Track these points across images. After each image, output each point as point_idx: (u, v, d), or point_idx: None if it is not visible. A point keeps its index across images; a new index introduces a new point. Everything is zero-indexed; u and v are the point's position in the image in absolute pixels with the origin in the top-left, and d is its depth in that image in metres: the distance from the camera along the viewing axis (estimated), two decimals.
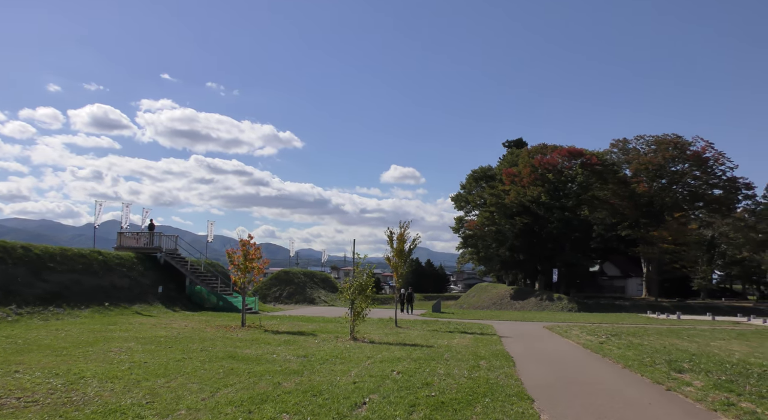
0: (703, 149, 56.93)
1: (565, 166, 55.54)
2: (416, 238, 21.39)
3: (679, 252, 55.33)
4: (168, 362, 10.50)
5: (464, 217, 67.69)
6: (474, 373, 10.17)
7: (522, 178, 55.12)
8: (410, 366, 10.73)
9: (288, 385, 8.54)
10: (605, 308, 47.31)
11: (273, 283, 46.40)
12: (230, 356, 11.52)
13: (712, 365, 11.79)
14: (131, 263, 27.86)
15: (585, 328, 21.99)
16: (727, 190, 58.81)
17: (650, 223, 57.32)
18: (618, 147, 62.32)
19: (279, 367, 10.31)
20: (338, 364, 10.77)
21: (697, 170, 57.66)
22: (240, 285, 19.46)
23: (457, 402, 7.65)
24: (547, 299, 50.02)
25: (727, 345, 17.06)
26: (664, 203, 59.03)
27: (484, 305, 56.01)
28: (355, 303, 16.34)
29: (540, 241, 56.36)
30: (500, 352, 13.56)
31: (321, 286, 49.40)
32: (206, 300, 29.16)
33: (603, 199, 58.27)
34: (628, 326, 25.17)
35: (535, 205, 55.05)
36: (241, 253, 19.17)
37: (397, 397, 7.85)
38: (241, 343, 13.87)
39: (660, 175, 58.43)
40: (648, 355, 13.22)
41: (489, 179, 64.87)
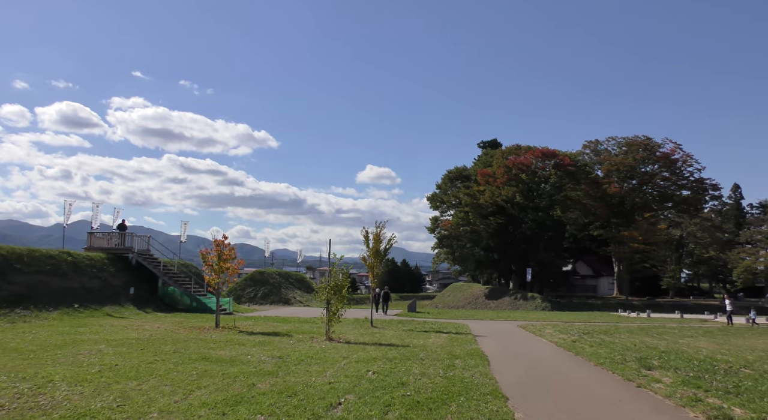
0: (672, 151, 58.27)
1: (539, 167, 56.26)
2: (392, 238, 21.43)
3: (649, 251, 56.54)
4: (140, 364, 10.33)
5: (440, 217, 68.04)
6: (449, 372, 10.23)
7: (496, 178, 55.65)
8: (386, 366, 10.74)
9: (263, 387, 8.47)
10: (578, 307, 48.08)
11: (248, 283, 45.94)
12: (204, 358, 11.37)
13: (680, 362, 12.06)
14: (102, 264, 27.31)
15: (558, 327, 22.29)
16: (694, 191, 60.29)
17: (621, 223, 58.43)
18: (590, 148, 63.40)
19: (253, 368, 10.22)
20: (313, 365, 10.72)
21: (666, 171, 58.98)
22: (214, 286, 19.22)
23: (433, 401, 7.68)
24: (521, 298, 50.59)
25: (694, 342, 17.48)
26: (635, 203, 60.24)
27: (460, 305, 56.38)
28: (330, 303, 16.29)
29: (514, 241, 56.97)
30: (475, 351, 13.67)
31: (296, 286, 49.10)
32: (179, 301, 28.74)
33: (576, 199, 59.19)
34: (600, 325, 25.62)
35: (509, 205, 55.61)
36: (215, 254, 18.93)
37: (373, 397, 7.85)
38: (215, 345, 13.71)
39: (630, 176, 59.59)
40: (619, 353, 13.47)
41: (464, 179, 65.31)
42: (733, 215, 75.08)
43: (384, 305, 33.05)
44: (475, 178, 60.49)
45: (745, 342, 18.19)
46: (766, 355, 14.35)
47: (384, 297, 33.26)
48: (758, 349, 15.72)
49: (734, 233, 69.50)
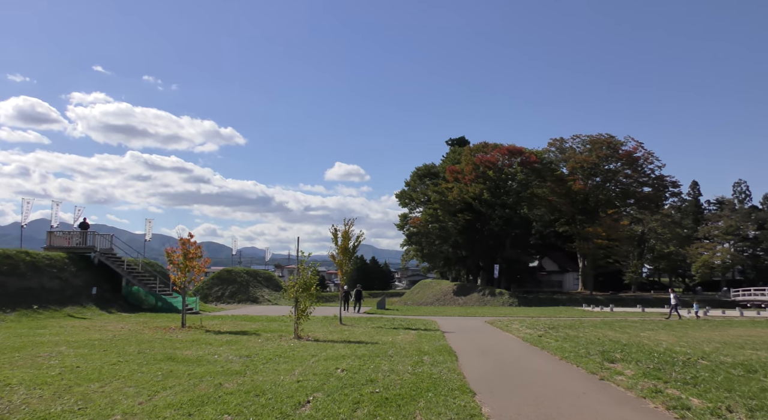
0: (634, 149, 59.71)
1: (506, 164, 56.96)
2: (360, 235, 21.44)
3: (612, 247, 57.88)
4: (102, 366, 10.09)
5: (409, 214, 68.29)
6: (418, 368, 10.30)
7: (464, 175, 56.12)
8: (354, 363, 10.75)
9: (230, 386, 8.38)
10: (544, 302, 48.95)
11: (215, 282, 45.33)
12: (169, 358, 11.18)
13: (641, 355, 12.40)
14: (62, 264, 26.56)
15: (525, 322, 22.65)
16: (655, 188, 61.95)
17: (585, 219, 59.64)
18: (555, 146, 64.47)
19: (221, 367, 10.10)
20: (282, 364, 10.66)
21: (628, 169, 60.41)
22: (180, 285, 18.91)
23: (401, 397, 7.72)
24: (489, 294, 51.21)
25: (655, 335, 18.00)
26: (599, 200, 61.56)
27: (428, 301, 56.73)
28: (299, 301, 16.20)
29: (482, 238, 57.60)
30: (443, 347, 13.79)
31: (264, 284, 48.66)
32: (144, 301, 28.18)
33: (542, 196, 60.14)
34: (565, 319, 26.14)
35: (477, 202, 56.18)
36: (180, 252, 18.63)
37: (341, 394, 7.85)
38: (181, 345, 13.49)
39: (594, 174, 60.85)
40: (583, 347, 13.77)
41: (433, 177, 65.67)
42: (691, 211, 77.43)
43: (357, 303, 33.04)
44: (443, 176, 60.90)
45: (702, 334, 18.81)
46: (722, 346, 14.87)
47: (356, 295, 33.23)
48: (715, 341, 16.27)
49: (693, 229, 71.70)
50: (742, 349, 14.34)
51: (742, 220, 68.60)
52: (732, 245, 68.47)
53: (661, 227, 67.71)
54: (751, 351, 13.83)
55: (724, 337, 17.57)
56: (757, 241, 70.33)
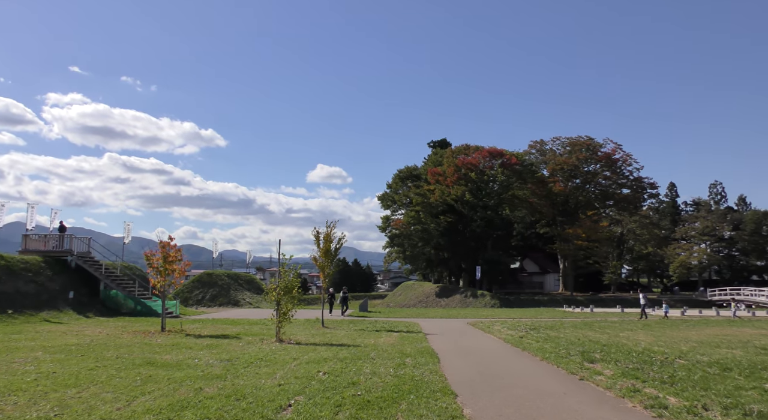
0: (612, 151, 60.53)
1: (487, 166, 57.32)
2: (342, 237, 21.41)
3: (592, 248, 58.56)
4: (79, 371, 9.93)
5: (391, 216, 68.34)
6: (400, 370, 10.30)
7: (446, 177, 56.35)
8: (336, 366, 10.72)
9: (210, 391, 8.30)
10: (525, 303, 49.32)
11: (195, 285, 44.89)
12: (148, 363, 11.04)
13: (620, 355, 12.56)
14: (38, 268, 26.09)
15: (506, 323, 22.80)
16: (634, 190, 62.85)
17: (566, 220, 60.27)
18: (536, 148, 65.10)
19: (201, 372, 10.00)
20: (263, 367, 10.59)
21: (607, 171, 61.21)
22: (159, 288, 18.70)
23: (383, 400, 7.72)
24: (471, 296, 51.44)
25: (634, 335, 18.24)
26: (579, 202, 62.27)
27: (411, 303, 56.80)
28: (281, 304, 16.11)
29: (464, 240, 57.85)
30: (425, 349, 13.82)
31: (246, 287, 48.30)
32: (123, 305, 27.79)
33: (522, 198, 60.65)
34: (546, 320, 26.36)
35: (459, 204, 56.44)
36: (160, 256, 18.41)
37: (323, 397, 7.83)
38: (161, 349, 13.33)
39: (574, 175, 61.54)
40: (564, 348, 13.90)
41: (415, 179, 65.82)
42: (669, 212, 78.68)
43: (343, 306, 32.79)
44: (425, 178, 61.08)
45: (679, 334, 19.11)
46: (698, 345, 15.13)
47: (343, 298, 33.04)
48: (692, 340, 16.55)
49: (670, 230, 72.86)
50: (718, 348, 14.60)
51: (717, 221, 69.88)
52: (708, 246, 69.69)
53: (639, 228, 68.69)
54: (726, 350, 14.09)
55: (701, 337, 17.87)
56: (732, 241, 71.69)
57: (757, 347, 14.68)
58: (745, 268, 73.55)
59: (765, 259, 72.48)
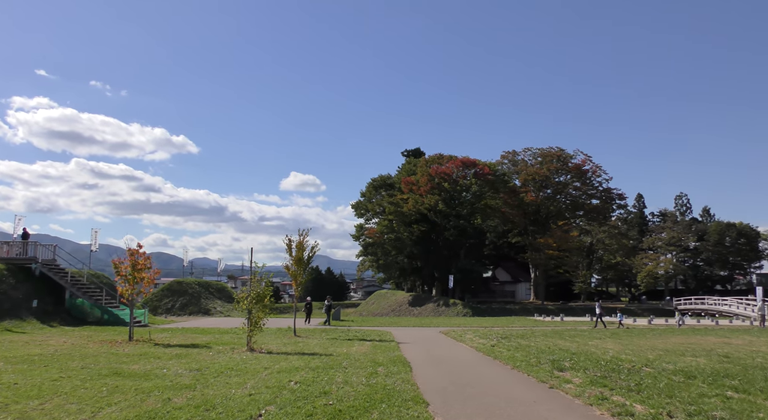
0: (582, 162, 61.76)
1: (460, 176, 57.89)
2: (315, 245, 21.35)
3: (562, 258, 59.47)
4: (42, 382, 9.66)
5: (364, 224, 68.33)
6: (372, 379, 10.29)
7: (420, 186, 56.69)
8: (308, 375, 10.65)
9: (179, 401, 8.16)
10: (497, 312, 49.75)
11: (165, 294, 44.10)
12: (115, 373, 10.81)
13: (589, 363, 12.76)
14: (0, 276, 25.33)
15: (478, 332, 22.95)
16: (603, 200, 64.17)
17: (537, 230, 61.14)
18: (508, 158, 66.02)
19: (169, 382, 9.83)
20: (233, 377, 10.46)
21: (577, 181, 62.40)
22: (128, 297, 18.31)
23: (355, 409, 7.70)
24: (444, 305, 51.66)
25: (602, 344, 18.53)
26: (549, 212, 63.27)
27: (384, 312, 56.76)
28: (252, 313, 15.95)
29: (437, 249, 58.17)
30: (398, 358, 13.82)
31: (217, 296, 47.65)
32: (89, 314, 27.14)
33: (495, 207, 61.35)
34: (518, 329, 26.63)
35: (432, 213, 56.78)
36: (129, 263, 18.06)
37: (294, 407, 7.77)
38: (128, 359, 13.06)
39: (545, 186, 62.57)
40: (534, 356, 14.05)
41: (388, 187, 66.03)
42: (637, 223, 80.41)
43: (327, 316, 32.26)
44: (399, 187, 61.33)
45: (646, 342, 19.49)
46: (664, 353, 15.45)
47: (327, 308, 32.66)
48: (658, 349, 16.89)
49: (638, 240, 74.44)
50: (683, 356, 14.94)
51: (683, 231, 71.68)
52: (674, 256, 71.41)
53: (608, 238, 70.04)
54: (691, 358, 14.43)
55: (667, 345, 18.25)
56: (697, 251, 73.58)
57: (720, 355, 15.07)
58: (709, 277, 75.52)
59: (728, 269, 74.56)
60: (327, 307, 32.52)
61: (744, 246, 72.08)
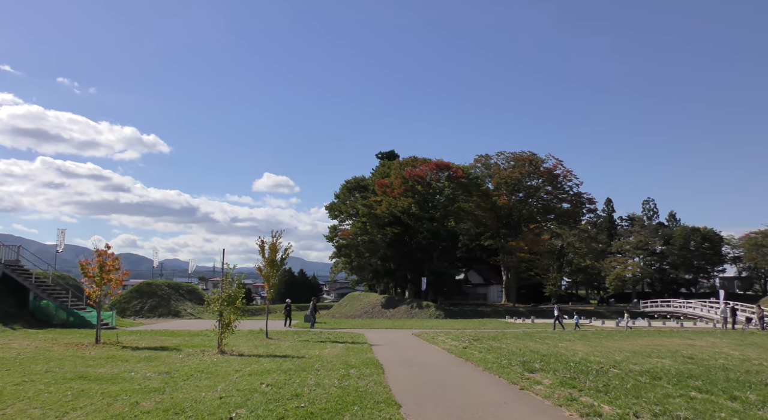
0: (554, 166, 62.71)
1: (434, 179, 58.21)
2: (288, 247, 21.20)
3: (533, 260, 60.24)
4: (4, 387, 9.38)
5: (338, 226, 68.21)
6: (344, 382, 10.26)
7: (393, 189, 56.83)
8: (280, 378, 10.58)
9: (147, 405, 8.02)
10: (469, 314, 50.08)
11: (133, 295, 43.31)
12: (81, 376, 10.56)
13: (559, 365, 12.95)
14: None
15: (450, 334, 23.08)
16: (573, 204, 65.25)
17: (509, 233, 61.84)
18: (481, 162, 66.66)
19: (137, 385, 9.65)
20: (204, 380, 10.32)
21: (549, 185, 63.34)
22: (95, 299, 17.91)
23: (327, 412, 7.68)
24: (417, 307, 51.83)
25: (572, 345, 18.83)
26: (522, 215, 64.07)
27: (357, 314, 56.68)
28: (223, 315, 15.76)
29: (410, 251, 58.35)
30: (370, 360, 13.81)
31: (187, 298, 46.98)
32: (54, 316, 26.44)
33: (468, 210, 61.85)
34: (489, 331, 26.86)
35: (405, 215, 56.93)
36: (96, 264, 17.67)
37: (266, 410, 7.70)
38: (95, 362, 12.78)
39: (518, 189, 63.35)
40: (505, 358, 14.20)
41: (362, 190, 66.02)
42: (606, 227, 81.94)
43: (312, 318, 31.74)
44: (372, 189, 61.38)
45: (614, 344, 19.86)
46: (631, 355, 15.78)
47: (311, 310, 32.28)
48: (625, 350, 17.24)
49: (607, 244, 75.89)
50: (649, 357, 15.28)
51: (650, 235, 73.33)
52: (641, 259, 72.98)
53: (578, 242, 71.23)
54: (656, 359, 14.76)
55: (634, 347, 18.64)
56: (663, 255, 75.34)
57: (684, 357, 15.45)
58: (674, 281, 77.35)
59: (692, 272, 76.48)
60: (312, 309, 32.26)
61: (708, 250, 74.06)
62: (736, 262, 76.33)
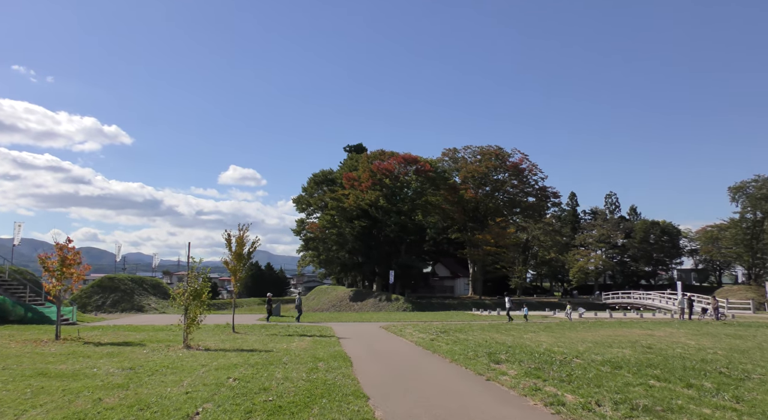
0: (520, 161, 63.54)
1: (402, 172, 58.33)
2: (255, 240, 21.02)
3: (499, 253, 61.03)
4: None
5: (306, 219, 67.78)
6: (312, 375, 10.26)
7: (361, 182, 56.74)
8: (247, 372, 10.50)
9: (111, 401, 7.87)
10: (436, 307, 50.51)
11: (95, 290, 42.26)
12: (41, 373, 10.28)
13: (524, 355, 13.21)
14: None
15: (418, 327, 23.27)
16: (539, 198, 66.28)
17: (476, 227, 62.49)
18: (449, 156, 67.07)
19: (100, 381, 9.45)
20: (169, 375, 10.17)
21: (515, 179, 64.16)
22: (54, 294, 17.42)
23: (295, 405, 7.67)
24: (385, 300, 52.02)
25: (536, 337, 19.20)
26: (488, 209, 64.79)
27: (325, 307, 56.57)
28: (189, 309, 15.54)
29: (378, 244, 58.45)
30: (338, 353, 13.83)
31: (151, 292, 46.11)
32: (11, 312, 25.60)
33: (435, 204, 62.21)
34: (456, 323, 27.17)
35: (373, 208, 56.95)
36: (56, 259, 17.19)
37: (233, 404, 7.65)
38: (55, 358, 12.45)
39: (484, 183, 63.99)
40: (472, 349, 14.41)
41: (330, 183, 65.73)
42: (570, 221, 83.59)
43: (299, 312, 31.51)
44: (340, 182, 61.16)
45: (577, 335, 20.34)
46: (594, 345, 16.19)
47: (297, 304, 32.00)
48: (587, 341, 17.68)
49: (571, 237, 77.45)
50: (611, 347, 15.70)
51: (612, 229, 75.12)
52: (604, 252, 74.77)
53: (543, 235, 72.46)
54: (617, 349, 15.18)
55: (596, 337, 19.12)
56: (624, 248, 77.33)
57: (644, 347, 15.93)
58: (635, 273, 79.49)
59: (652, 265, 78.74)
60: (298, 302, 32.07)
61: (667, 243, 76.34)
62: (693, 255, 78.85)
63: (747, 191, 60.69)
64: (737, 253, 63.99)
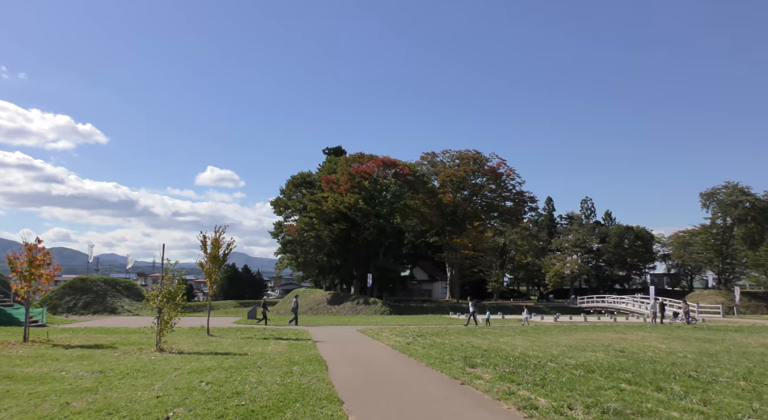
0: (497, 165, 64.11)
1: (380, 176, 58.40)
2: (231, 242, 20.82)
3: (477, 257, 61.46)
4: None
5: (284, 222, 67.38)
6: (287, 379, 10.18)
7: (340, 185, 56.64)
8: (220, 375, 10.38)
9: (79, 405, 7.70)
10: (414, 311, 50.62)
11: (66, 291, 41.42)
12: (6, 376, 10.03)
13: (499, 359, 13.29)
14: None
15: (395, 330, 23.28)
16: (516, 203, 66.95)
17: (454, 231, 62.84)
18: (427, 160, 67.40)
19: (68, 385, 9.25)
20: (140, 379, 10.00)
21: (493, 184, 64.71)
22: (23, 295, 17.04)
23: (268, 409, 7.60)
24: (363, 303, 51.94)
25: (512, 340, 19.35)
26: (466, 213, 65.20)
27: (302, 311, 56.15)
28: (162, 312, 15.32)
29: (356, 247, 58.37)
30: (314, 356, 13.76)
31: (125, 294, 45.34)
32: None
33: (414, 207, 62.41)
34: (433, 327, 27.26)
35: (352, 211, 56.87)
36: (25, 259, 16.81)
37: (205, 409, 7.55)
38: (22, 361, 12.16)
39: (462, 187, 64.40)
40: (448, 353, 14.46)
41: (309, 185, 65.47)
42: (546, 225, 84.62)
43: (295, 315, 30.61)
44: (319, 185, 60.97)
45: (551, 339, 20.55)
46: (567, 349, 16.37)
47: (294, 308, 31.27)
48: (562, 345, 17.86)
49: (547, 241, 78.37)
50: (584, 351, 15.89)
51: (587, 234, 76.26)
52: (579, 257, 75.78)
53: (520, 239, 73.18)
54: (591, 353, 15.37)
55: (570, 341, 19.34)
56: (599, 253, 78.50)
57: (616, 350, 16.16)
58: (609, 277, 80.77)
59: (626, 269, 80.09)
60: (294, 306, 31.70)
61: (640, 248, 77.70)
62: (666, 260, 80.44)
63: (717, 197, 62.08)
64: (708, 258, 65.41)
